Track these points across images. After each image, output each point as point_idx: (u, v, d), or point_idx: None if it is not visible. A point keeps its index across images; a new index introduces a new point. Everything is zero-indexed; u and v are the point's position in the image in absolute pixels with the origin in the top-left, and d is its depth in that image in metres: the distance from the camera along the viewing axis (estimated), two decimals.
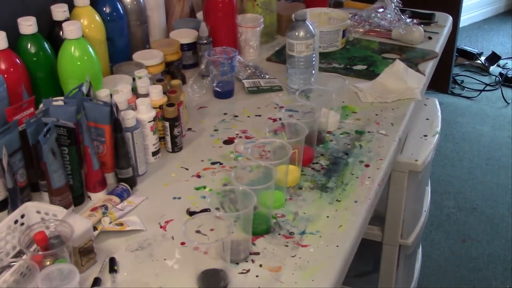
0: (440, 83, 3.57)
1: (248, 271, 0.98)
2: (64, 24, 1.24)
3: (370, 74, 1.64)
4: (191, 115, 1.44)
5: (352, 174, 1.22)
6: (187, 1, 1.79)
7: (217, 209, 1.06)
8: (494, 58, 3.87)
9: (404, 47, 1.82)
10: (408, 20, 1.88)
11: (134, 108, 1.23)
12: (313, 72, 1.51)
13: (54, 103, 1.10)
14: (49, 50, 1.27)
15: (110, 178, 1.18)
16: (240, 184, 1.04)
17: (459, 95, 3.67)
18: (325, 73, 1.52)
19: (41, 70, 1.26)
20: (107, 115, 1.12)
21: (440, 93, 3.66)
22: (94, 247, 0.99)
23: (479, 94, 3.65)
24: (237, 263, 0.99)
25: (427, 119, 1.80)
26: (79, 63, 1.24)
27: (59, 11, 1.32)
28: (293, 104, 1.36)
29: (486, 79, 3.79)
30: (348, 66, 1.70)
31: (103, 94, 1.20)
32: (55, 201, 1.07)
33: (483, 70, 3.88)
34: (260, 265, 0.99)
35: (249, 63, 1.65)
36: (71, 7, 1.36)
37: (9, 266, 0.91)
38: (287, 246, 1.03)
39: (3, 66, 1.16)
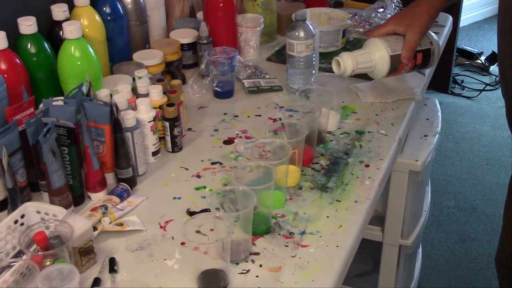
0: (440, 83, 3.57)
1: (248, 271, 0.98)
2: (64, 24, 1.24)
3: None
4: (191, 115, 1.44)
5: (352, 174, 1.22)
6: (187, 1, 1.78)
7: (217, 209, 1.06)
8: (494, 57, 3.86)
9: None
10: None
11: (134, 108, 1.23)
12: (313, 72, 1.51)
13: (54, 103, 1.10)
14: (49, 50, 1.27)
15: (110, 178, 1.18)
16: (240, 184, 1.04)
17: (459, 95, 3.67)
18: (325, 73, 1.51)
19: (41, 70, 1.26)
20: (107, 115, 1.12)
21: (440, 93, 3.66)
22: (94, 247, 0.99)
23: (479, 94, 3.65)
24: (237, 263, 0.99)
25: (427, 119, 1.80)
26: (79, 63, 1.24)
27: (59, 11, 1.32)
28: (293, 104, 1.36)
29: (486, 79, 3.79)
30: None
31: (103, 94, 1.20)
32: (55, 201, 1.07)
33: (483, 70, 3.88)
34: (260, 265, 0.99)
35: (249, 63, 1.65)
36: (71, 7, 1.36)
37: (9, 266, 0.91)
38: (287, 246, 1.03)
39: (3, 66, 1.16)
